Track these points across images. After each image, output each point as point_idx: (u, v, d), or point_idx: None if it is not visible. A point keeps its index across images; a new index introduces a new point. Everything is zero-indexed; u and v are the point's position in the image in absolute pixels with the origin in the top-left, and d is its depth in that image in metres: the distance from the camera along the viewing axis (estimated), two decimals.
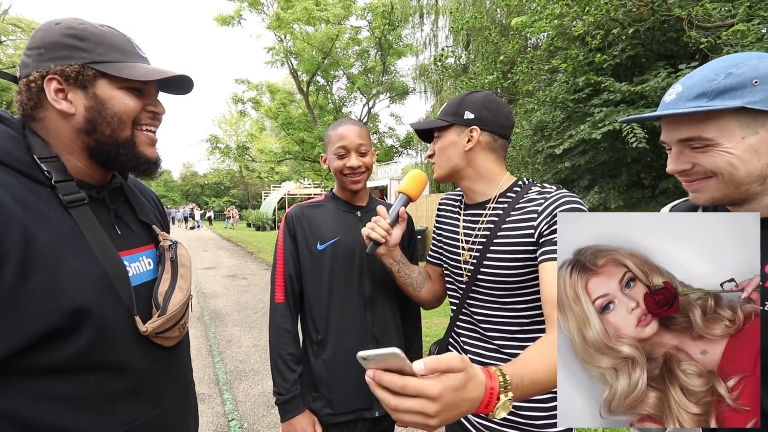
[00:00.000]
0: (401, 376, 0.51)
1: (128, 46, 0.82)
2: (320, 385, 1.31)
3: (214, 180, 37.39)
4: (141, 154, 0.83)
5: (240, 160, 23.24)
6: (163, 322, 0.82)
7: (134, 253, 0.87)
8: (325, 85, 19.15)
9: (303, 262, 1.36)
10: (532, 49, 6.49)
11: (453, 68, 10.40)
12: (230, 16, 16.74)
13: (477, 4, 10.49)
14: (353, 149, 1.34)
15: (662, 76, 4.33)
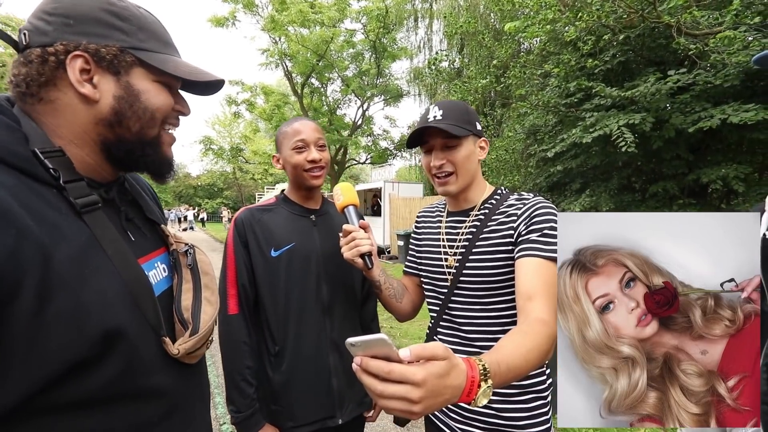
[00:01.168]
0: (387, 363, 0.52)
1: (167, 37, 0.74)
2: (280, 398, 1.24)
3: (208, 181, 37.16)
4: (165, 155, 0.76)
5: (233, 161, 23.15)
6: (196, 341, 0.72)
7: (149, 259, 0.75)
8: (320, 88, 19.15)
9: (257, 271, 1.26)
10: (525, 54, 6.56)
11: (447, 72, 10.46)
12: (224, 17, 16.69)
13: (471, 9, 10.59)
14: (312, 143, 1.29)
15: (651, 81, 4.41)
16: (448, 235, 1.19)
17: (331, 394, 1.27)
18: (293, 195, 1.39)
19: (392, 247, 11.95)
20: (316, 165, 1.29)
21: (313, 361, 1.26)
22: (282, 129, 1.34)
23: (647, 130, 4.54)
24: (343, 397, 1.29)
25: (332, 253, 1.33)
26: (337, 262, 1.34)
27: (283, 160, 1.34)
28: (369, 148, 20.50)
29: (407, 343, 4.78)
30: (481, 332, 1.09)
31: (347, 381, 1.30)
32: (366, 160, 21.87)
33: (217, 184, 40.82)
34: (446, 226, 1.21)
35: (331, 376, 1.27)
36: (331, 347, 1.29)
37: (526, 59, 6.27)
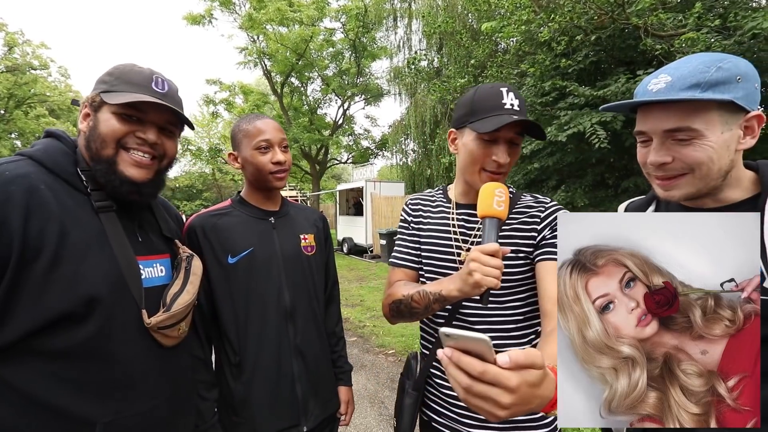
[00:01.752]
0: (481, 362, 0.50)
1: (143, 81, 0.91)
2: (241, 409, 1.19)
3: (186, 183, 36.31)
4: (120, 172, 0.89)
5: (212, 162, 22.69)
6: (167, 317, 0.91)
7: (149, 259, 0.97)
8: (300, 87, 19.00)
9: (213, 280, 1.19)
10: (502, 54, 6.68)
11: (426, 71, 10.54)
12: (201, 15, 16.38)
13: (449, 9, 10.68)
14: (276, 143, 1.23)
15: (622, 81, 4.56)
16: (461, 228, 1.12)
17: (296, 402, 1.23)
18: (250, 197, 1.32)
19: (375, 246, 11.97)
20: (281, 167, 1.24)
21: (276, 368, 1.21)
22: (241, 126, 1.26)
23: (618, 128, 4.69)
24: (307, 404, 1.25)
25: (294, 255, 1.29)
26: (298, 265, 1.29)
27: (242, 159, 1.26)
28: (350, 147, 20.46)
29: (390, 341, 4.81)
30: (495, 331, 1.05)
31: (312, 387, 1.26)
32: (348, 160, 21.82)
33: (196, 186, 39.96)
34: (458, 220, 1.13)
35: (295, 383, 1.23)
36: (295, 353, 1.23)
37: (502, 59, 6.39)
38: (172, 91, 0.97)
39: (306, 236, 1.35)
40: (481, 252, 0.84)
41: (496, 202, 0.88)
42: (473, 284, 0.85)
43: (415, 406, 1.12)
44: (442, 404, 1.10)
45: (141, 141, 0.91)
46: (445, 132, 9.99)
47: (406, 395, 1.14)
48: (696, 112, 0.73)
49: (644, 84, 0.81)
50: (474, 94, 1.05)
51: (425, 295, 1.00)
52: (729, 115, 0.74)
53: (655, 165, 0.80)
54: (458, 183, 1.17)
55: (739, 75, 0.72)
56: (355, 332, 5.19)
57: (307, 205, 1.53)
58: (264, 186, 1.27)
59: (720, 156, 0.75)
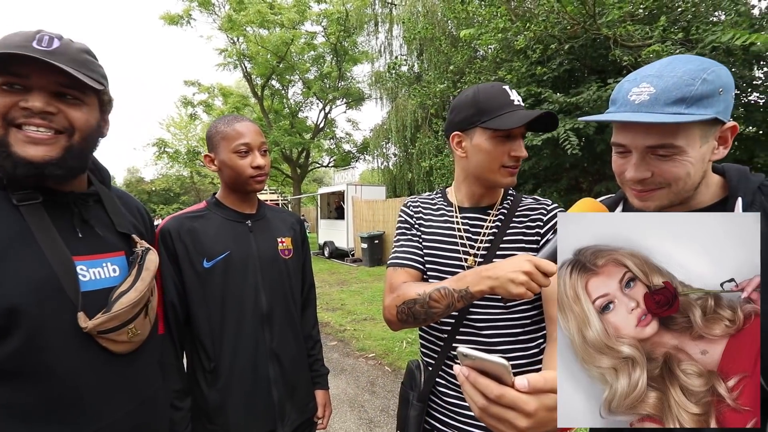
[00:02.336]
0: (499, 385, 0.50)
1: (22, 41, 0.73)
2: (216, 416, 1.16)
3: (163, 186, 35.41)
4: (14, 154, 0.73)
5: (191, 165, 22.21)
6: (107, 319, 0.78)
7: (96, 258, 0.84)
8: (281, 90, 18.86)
9: (188, 285, 1.16)
10: (480, 61, 6.81)
11: (407, 76, 10.65)
12: (179, 15, 16.08)
13: (429, 16, 10.83)
14: (256, 147, 1.21)
15: (593, 89, 4.73)
16: (467, 233, 1.09)
17: (272, 407, 1.21)
18: (227, 199, 1.29)
19: (356, 249, 11.96)
20: (261, 171, 1.22)
21: (252, 373, 1.19)
22: (219, 128, 1.22)
23: (591, 134, 4.86)
24: (284, 408, 1.24)
25: (271, 259, 1.27)
26: (276, 268, 1.28)
27: (220, 162, 1.23)
28: (332, 151, 20.41)
29: (370, 344, 4.81)
30: (502, 335, 1.02)
31: (288, 391, 1.26)
32: (329, 164, 21.74)
33: (174, 189, 39.01)
34: (463, 224, 1.11)
35: (271, 387, 1.21)
36: (271, 358, 1.22)
37: (480, 65, 6.53)
38: (66, 48, 0.77)
39: (283, 239, 1.34)
40: (537, 267, 0.80)
41: None
42: (514, 294, 0.81)
43: (420, 418, 1.09)
44: (448, 414, 1.07)
45: (28, 112, 0.73)
46: (426, 136, 10.11)
47: (411, 407, 1.10)
48: (679, 129, 0.72)
49: (623, 91, 0.78)
50: (476, 94, 1.02)
51: (448, 293, 0.92)
52: (708, 128, 0.73)
53: (634, 180, 0.79)
54: (463, 186, 1.13)
55: (721, 87, 0.71)
56: (336, 336, 5.17)
57: (283, 208, 1.51)
58: (242, 189, 1.25)
59: (697, 170, 0.75)
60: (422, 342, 1.18)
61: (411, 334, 4.88)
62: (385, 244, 10.69)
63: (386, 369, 4.08)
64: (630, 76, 0.80)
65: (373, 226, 11.31)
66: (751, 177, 0.80)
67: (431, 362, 1.12)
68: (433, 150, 9.49)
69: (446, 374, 1.08)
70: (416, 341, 4.70)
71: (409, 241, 1.17)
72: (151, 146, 19.84)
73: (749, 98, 4.69)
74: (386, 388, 3.65)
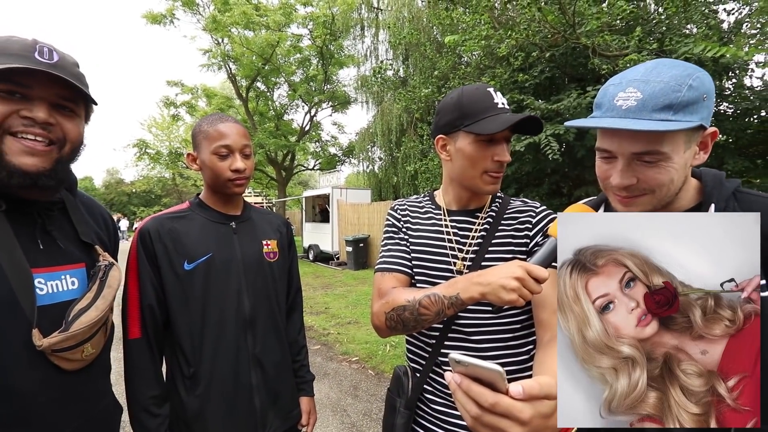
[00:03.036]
0: (493, 393, 0.48)
1: (23, 51, 0.75)
2: (194, 423, 1.13)
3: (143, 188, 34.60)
4: (8, 163, 0.74)
5: (173, 167, 21.81)
6: (64, 339, 0.77)
7: (55, 270, 0.82)
8: (266, 92, 18.71)
9: (167, 287, 1.13)
10: (464, 67, 6.91)
11: (392, 81, 10.71)
12: (161, 14, 15.82)
13: (414, 21, 10.94)
14: (237, 150, 1.17)
15: (573, 96, 4.85)
16: (456, 236, 1.07)
17: (253, 414, 1.18)
18: (210, 200, 1.26)
19: (341, 253, 11.91)
20: (239, 175, 1.18)
21: (233, 380, 1.16)
22: (202, 127, 1.20)
23: (571, 140, 4.98)
24: (266, 416, 1.21)
25: (255, 262, 1.25)
26: (260, 271, 1.25)
27: (201, 161, 1.20)
28: (317, 154, 20.33)
29: (354, 348, 4.79)
30: (491, 341, 1.00)
31: (271, 398, 1.23)
32: (314, 167, 21.65)
33: (155, 191, 38.18)
34: (452, 227, 1.09)
35: (253, 394, 1.18)
36: (254, 364, 1.19)
37: (464, 71, 6.61)
38: (65, 62, 0.80)
39: (268, 242, 1.31)
40: (529, 273, 0.78)
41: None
42: (506, 300, 0.79)
43: (407, 426, 1.06)
44: (436, 422, 1.04)
45: (29, 121, 0.74)
46: (411, 140, 10.17)
47: (398, 414, 1.07)
48: (665, 136, 0.72)
49: (609, 95, 0.77)
50: (460, 97, 1.00)
51: (438, 299, 0.90)
52: (692, 134, 0.74)
53: (620, 187, 0.78)
54: (450, 189, 1.12)
55: (705, 93, 0.72)
56: (319, 340, 5.14)
57: (270, 210, 1.50)
58: (221, 191, 1.23)
59: (680, 176, 0.76)
60: (409, 347, 1.15)
61: (395, 338, 4.89)
62: (370, 247, 10.69)
63: (369, 373, 4.07)
64: (614, 79, 0.79)
65: (358, 229, 11.29)
66: (726, 183, 0.82)
67: (419, 368, 1.09)
68: (418, 154, 9.56)
69: (434, 381, 1.05)
70: (400, 344, 4.70)
71: (396, 245, 1.14)
72: (132, 147, 19.42)
73: (719, 108, 4.89)
74: (369, 392, 3.64)
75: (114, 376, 1.05)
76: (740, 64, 4.53)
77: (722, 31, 4.69)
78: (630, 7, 4.66)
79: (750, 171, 4.63)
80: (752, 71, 4.88)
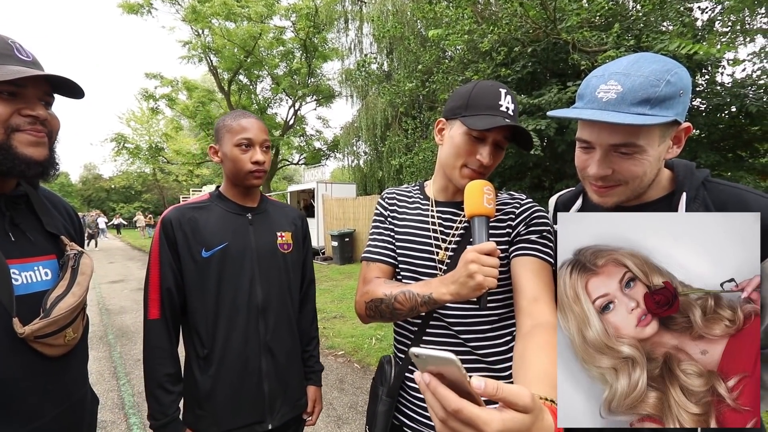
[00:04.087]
0: (458, 398, 0.44)
1: (4, 51, 0.80)
2: (205, 402, 1.20)
3: (123, 184, 33.72)
4: (18, 154, 0.80)
5: (153, 162, 21.29)
6: (45, 325, 0.80)
7: (28, 262, 0.86)
8: (249, 85, 18.42)
9: (186, 273, 1.21)
10: (448, 61, 6.93)
11: (376, 75, 10.67)
12: (138, 4, 15.35)
13: (398, 15, 10.89)
14: (258, 143, 1.24)
15: (554, 91, 4.93)
16: (441, 227, 1.08)
17: (261, 398, 1.23)
18: (229, 192, 1.32)
19: (327, 248, 11.89)
20: (260, 167, 1.25)
21: (243, 364, 1.22)
22: (226, 121, 1.27)
23: (552, 135, 5.06)
24: (274, 402, 1.26)
25: (269, 252, 1.29)
26: (273, 262, 1.30)
27: (222, 154, 1.27)
28: (302, 148, 20.16)
29: (340, 342, 4.81)
30: (473, 331, 1.01)
31: (280, 385, 1.27)
32: (299, 161, 21.46)
33: (135, 187, 37.21)
34: (438, 217, 1.10)
35: (262, 380, 1.24)
36: (264, 350, 1.24)
37: (448, 66, 6.64)
38: (36, 58, 0.86)
39: (283, 234, 1.36)
40: (478, 252, 0.81)
41: (486, 200, 0.85)
42: (475, 287, 0.80)
43: (389, 414, 1.08)
44: (416, 410, 1.06)
45: (32, 119, 0.81)
46: (396, 134, 10.17)
47: (380, 402, 1.09)
48: (641, 129, 0.74)
49: (591, 87, 0.80)
50: (472, 88, 1.01)
51: (412, 297, 0.94)
52: (667, 128, 0.77)
53: (596, 177, 0.81)
54: (438, 178, 1.14)
55: (682, 89, 0.74)
56: None
57: (286, 204, 1.53)
58: (241, 183, 1.28)
59: (653, 168, 0.78)
60: (395, 336, 1.18)
61: (380, 331, 4.93)
62: (355, 242, 10.69)
63: (355, 366, 4.10)
64: (597, 71, 0.81)
65: (343, 224, 11.28)
66: (696, 173, 0.85)
67: (402, 357, 1.12)
68: (402, 148, 9.57)
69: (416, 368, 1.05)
70: (386, 338, 4.75)
71: (381, 234, 1.16)
72: (110, 141, 18.89)
73: (693, 103, 5.04)
74: (355, 384, 3.67)
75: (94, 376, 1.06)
76: (713, 61, 4.68)
77: (696, 29, 4.83)
78: (609, 3, 4.75)
79: (721, 165, 4.80)
80: (724, 68, 5.05)
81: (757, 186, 4.49)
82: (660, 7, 4.69)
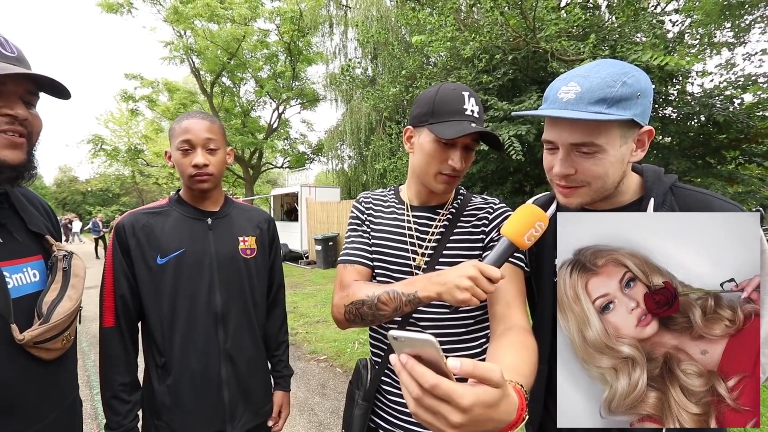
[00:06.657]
0: (434, 375, 0.46)
1: None
2: (163, 412, 1.17)
3: (100, 186, 32.72)
4: None
5: (132, 164, 20.79)
6: (45, 330, 0.79)
7: (17, 263, 0.83)
8: (232, 87, 18.20)
9: (140, 280, 1.18)
10: (431, 67, 7.02)
11: (361, 79, 10.72)
12: (118, 3, 15.01)
13: (383, 20, 10.98)
14: (199, 144, 1.17)
15: (534, 98, 5.05)
16: (417, 232, 1.08)
17: (221, 407, 1.21)
18: (187, 196, 1.27)
19: (310, 252, 11.81)
20: (200, 171, 1.18)
21: (202, 373, 1.18)
22: (174, 124, 1.23)
23: (532, 141, 5.18)
24: (235, 410, 1.23)
25: (229, 258, 1.26)
26: (234, 268, 1.26)
27: (172, 158, 1.23)
28: (286, 151, 20.01)
29: (322, 347, 4.78)
30: (446, 335, 1.02)
31: (241, 393, 1.25)
32: (283, 164, 21.29)
33: (112, 189, 36.21)
34: (414, 222, 1.10)
35: (222, 388, 1.21)
36: (224, 358, 1.21)
37: (431, 71, 6.72)
38: (21, 54, 0.80)
39: (245, 238, 1.32)
40: (482, 273, 0.77)
41: (528, 236, 0.78)
42: (459, 300, 0.79)
43: (365, 417, 1.08)
44: (392, 413, 1.07)
45: (10, 119, 0.76)
46: (380, 139, 10.21)
47: (356, 406, 1.09)
48: (600, 128, 0.76)
49: (554, 89, 0.83)
50: (436, 93, 1.00)
51: (396, 296, 0.91)
52: (627, 129, 0.78)
53: (560, 176, 0.83)
54: (412, 184, 1.13)
55: (639, 91, 0.75)
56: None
57: (253, 206, 1.48)
58: (189, 187, 1.24)
59: (615, 170, 0.79)
60: (371, 341, 1.18)
61: (363, 335, 4.92)
62: (339, 246, 10.65)
63: (338, 371, 4.08)
64: (562, 75, 0.85)
65: (327, 227, 11.23)
66: (664, 178, 0.86)
67: (378, 361, 1.12)
68: (386, 152, 9.62)
69: (392, 372, 1.07)
70: (368, 342, 4.74)
71: (359, 237, 1.16)
72: (87, 143, 18.36)
73: (665, 112, 5.24)
74: (337, 389, 3.65)
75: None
76: (683, 72, 4.88)
77: (668, 41, 5.03)
78: (585, 15, 4.91)
79: (692, 171, 4.99)
80: (694, 79, 5.28)
81: (725, 192, 4.68)
82: (634, 19, 4.88)
